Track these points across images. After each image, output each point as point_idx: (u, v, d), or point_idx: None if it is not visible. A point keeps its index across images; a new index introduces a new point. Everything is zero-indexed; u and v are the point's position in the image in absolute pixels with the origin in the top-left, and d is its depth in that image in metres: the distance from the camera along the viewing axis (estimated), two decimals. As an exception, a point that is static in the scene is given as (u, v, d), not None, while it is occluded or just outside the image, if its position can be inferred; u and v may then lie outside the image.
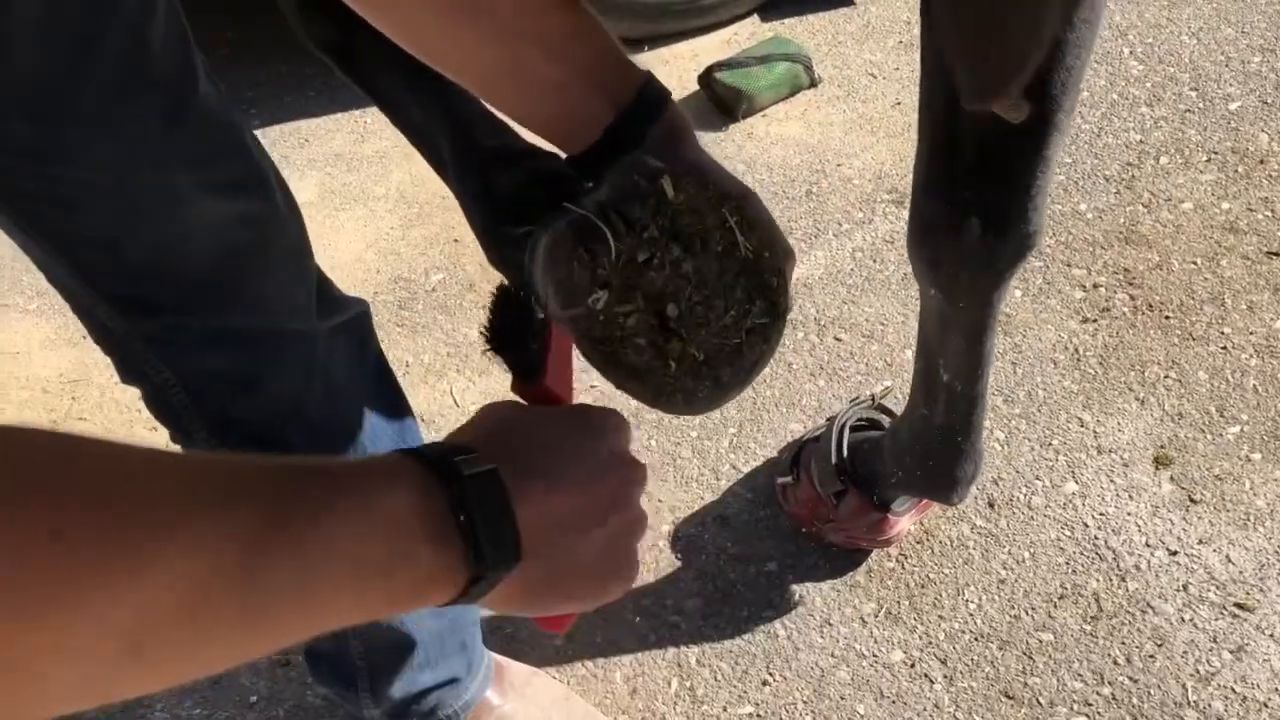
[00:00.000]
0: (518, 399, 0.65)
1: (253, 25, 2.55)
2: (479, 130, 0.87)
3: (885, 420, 1.51)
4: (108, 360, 0.98)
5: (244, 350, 0.93)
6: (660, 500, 1.61)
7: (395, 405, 1.12)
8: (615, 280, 0.66)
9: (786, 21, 2.51)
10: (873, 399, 1.55)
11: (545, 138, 0.77)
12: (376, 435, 1.06)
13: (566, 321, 0.68)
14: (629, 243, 0.66)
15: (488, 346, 0.65)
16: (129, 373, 0.93)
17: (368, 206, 2.13)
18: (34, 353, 1.88)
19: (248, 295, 0.91)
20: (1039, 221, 1.08)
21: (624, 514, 0.59)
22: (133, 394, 1.06)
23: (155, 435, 1.06)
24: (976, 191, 1.07)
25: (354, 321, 1.05)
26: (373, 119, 2.35)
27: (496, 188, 0.84)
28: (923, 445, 1.31)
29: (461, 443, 0.54)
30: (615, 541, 0.59)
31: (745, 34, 2.47)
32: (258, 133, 2.28)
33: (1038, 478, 1.60)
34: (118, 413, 1.74)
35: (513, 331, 0.65)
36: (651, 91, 0.74)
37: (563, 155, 0.77)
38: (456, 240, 2.02)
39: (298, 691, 1.43)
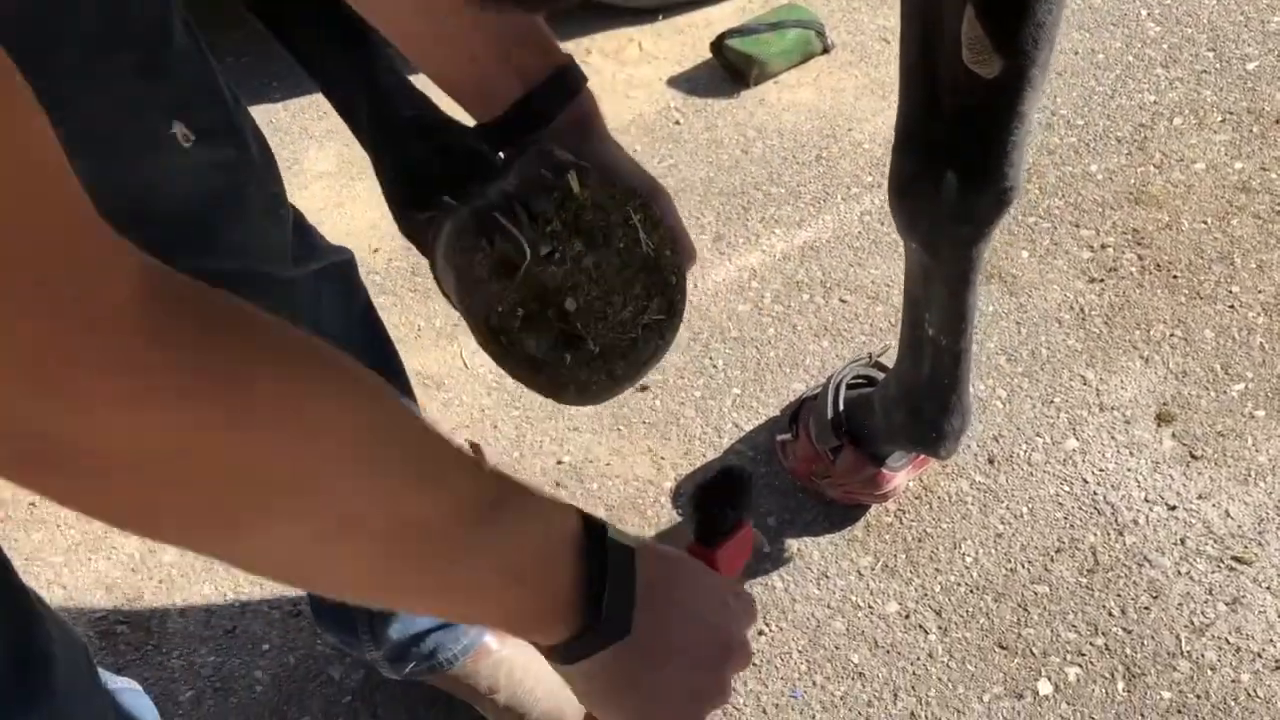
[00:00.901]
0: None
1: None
2: (397, 99, 0.88)
3: (881, 378, 1.53)
4: None
5: (229, 293, 0.97)
6: (663, 457, 1.64)
7: (385, 354, 1.16)
8: (515, 272, 0.68)
9: (801, -12, 2.51)
10: (870, 357, 1.56)
11: (455, 100, 0.78)
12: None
13: (464, 310, 0.71)
14: (530, 235, 0.69)
15: (693, 498, 0.70)
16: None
17: (384, 176, 2.16)
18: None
19: (226, 239, 0.95)
20: (1015, 177, 1.09)
21: (714, 677, 0.64)
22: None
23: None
24: (952, 146, 1.08)
25: (336, 268, 1.09)
26: (390, 91, 2.38)
27: (408, 156, 0.84)
28: (910, 399, 1.33)
29: (628, 539, 0.60)
30: (696, 695, 0.64)
31: (759, 1, 2.48)
32: (279, 106, 2.34)
33: (1038, 434, 1.61)
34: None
35: (723, 499, 0.69)
36: (567, 76, 0.76)
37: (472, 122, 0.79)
38: (469, 207, 2.05)
39: (308, 641, 1.47)
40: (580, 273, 0.70)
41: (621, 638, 0.57)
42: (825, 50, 2.31)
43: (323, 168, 2.17)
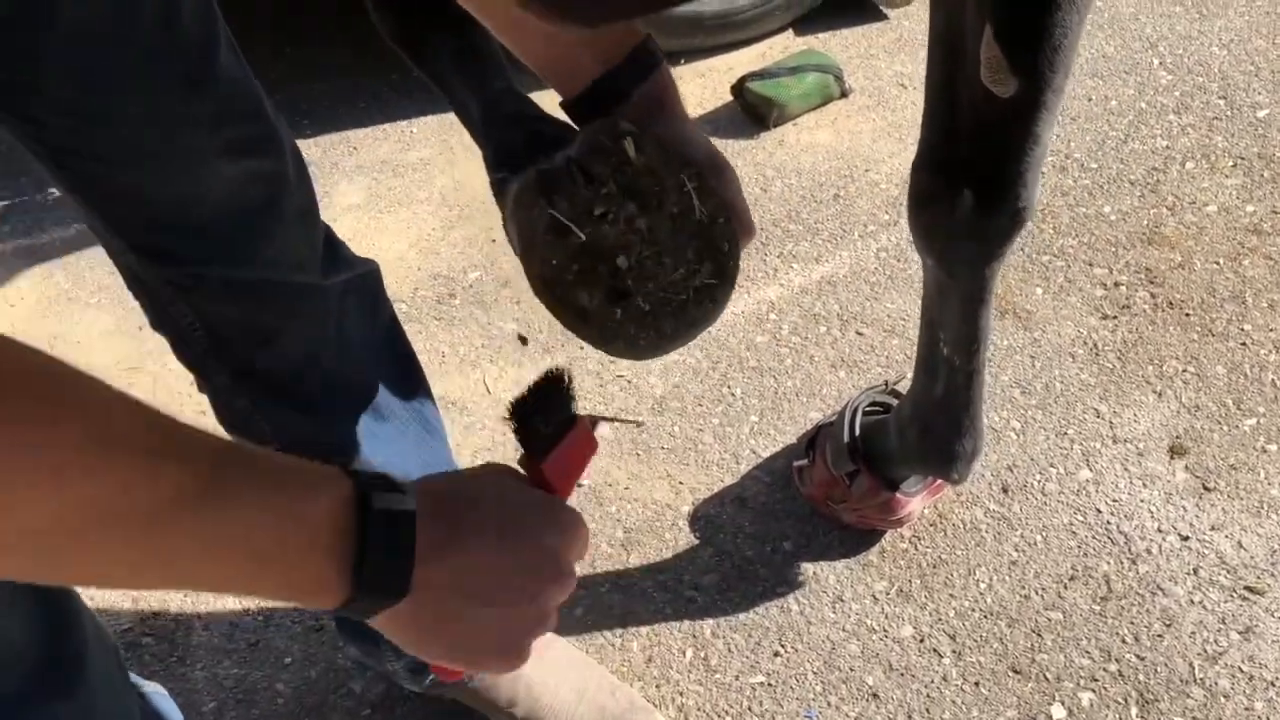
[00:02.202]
0: (519, 470, 0.70)
1: (308, 44, 2.68)
2: (503, 100, 0.96)
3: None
4: (162, 346, 1.07)
5: (261, 301, 1.01)
6: (681, 482, 1.66)
7: (407, 366, 1.20)
8: (570, 230, 0.72)
9: (820, 35, 2.58)
10: (887, 385, 1.59)
11: (543, 79, 0.84)
12: (390, 392, 1.13)
13: (524, 262, 0.75)
14: (586, 195, 0.73)
15: (508, 415, 0.70)
16: (158, 318, 1.01)
17: (411, 209, 2.22)
18: (94, 342, 1.99)
19: (260, 249, 0.99)
20: (1029, 198, 1.12)
21: (533, 608, 0.62)
22: (184, 380, 1.16)
23: (204, 419, 1.15)
24: (969, 164, 1.12)
25: (362, 280, 1.13)
26: (418, 129, 2.45)
27: (504, 142, 0.92)
28: (923, 419, 1.36)
29: (403, 482, 0.59)
30: (513, 627, 0.62)
31: (779, 48, 2.54)
32: (310, 142, 2.41)
33: (1052, 465, 1.63)
34: (169, 397, 1.83)
35: (539, 408, 0.70)
36: (644, 54, 0.80)
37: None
38: (494, 240, 2.10)
39: (329, 654, 1.49)
40: (633, 233, 0.73)
41: (398, 598, 0.56)
42: (844, 94, 2.37)
43: (352, 200, 2.23)
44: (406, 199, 2.25)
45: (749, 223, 0.80)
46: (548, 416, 0.69)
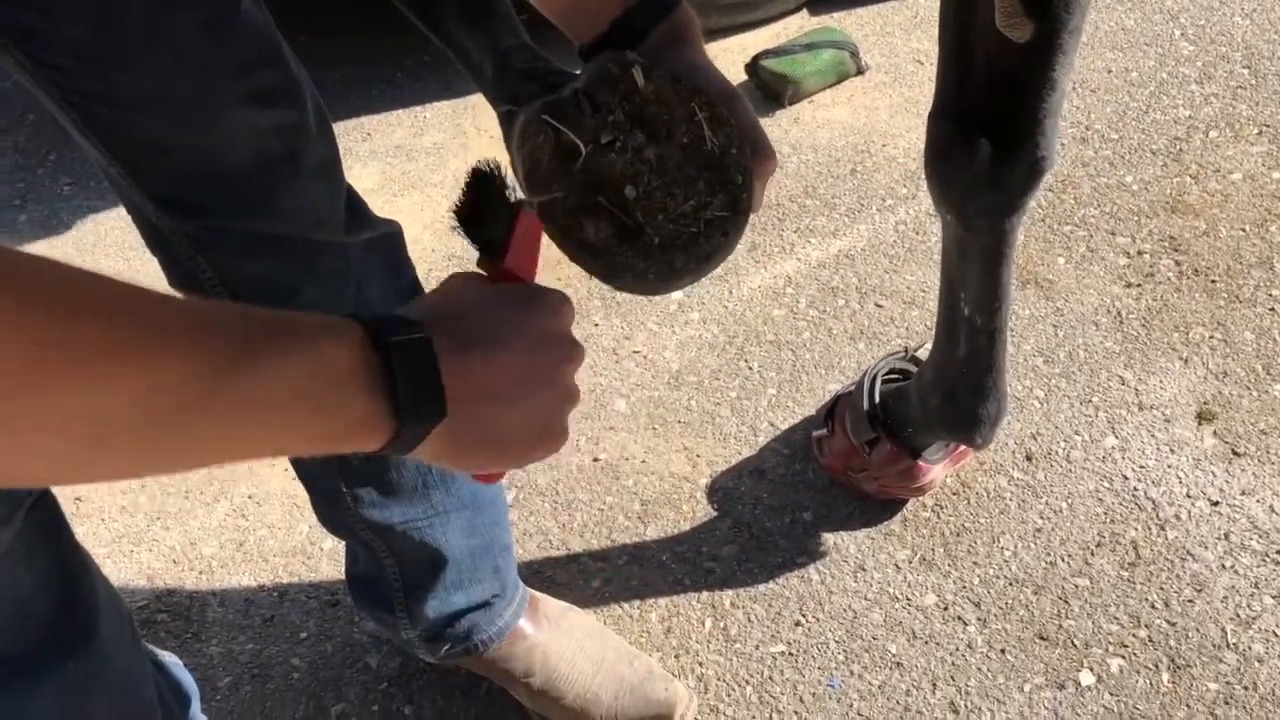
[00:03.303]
0: (481, 274, 0.68)
1: (324, 31, 2.68)
2: (514, 56, 0.95)
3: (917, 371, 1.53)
4: None
5: (280, 256, 1.00)
6: (699, 455, 1.64)
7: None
8: (577, 158, 0.69)
9: (834, 14, 2.55)
10: (906, 351, 1.57)
11: (559, 24, 0.82)
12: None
13: (529, 194, 0.72)
14: (592, 124, 0.70)
15: (454, 222, 0.67)
16: (175, 273, 1.00)
17: (424, 193, 2.21)
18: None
19: (280, 203, 0.98)
20: (1048, 146, 1.10)
21: (556, 388, 0.63)
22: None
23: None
24: (985, 113, 1.10)
25: (385, 240, 1.11)
26: (431, 114, 2.44)
27: (519, 97, 0.90)
28: (946, 383, 1.33)
29: (407, 315, 0.59)
30: (544, 412, 0.63)
31: (794, 28, 2.52)
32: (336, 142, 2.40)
33: (1076, 433, 1.59)
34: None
35: (479, 209, 0.67)
36: None
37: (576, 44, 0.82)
38: (508, 221, 2.09)
39: (345, 630, 1.48)
40: (641, 163, 0.70)
41: (439, 420, 0.57)
42: (859, 71, 2.34)
43: (366, 185, 2.22)
44: (420, 182, 2.24)
45: (768, 149, 0.76)
46: (494, 214, 0.66)
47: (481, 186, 0.67)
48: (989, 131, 1.09)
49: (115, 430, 0.47)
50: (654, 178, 0.71)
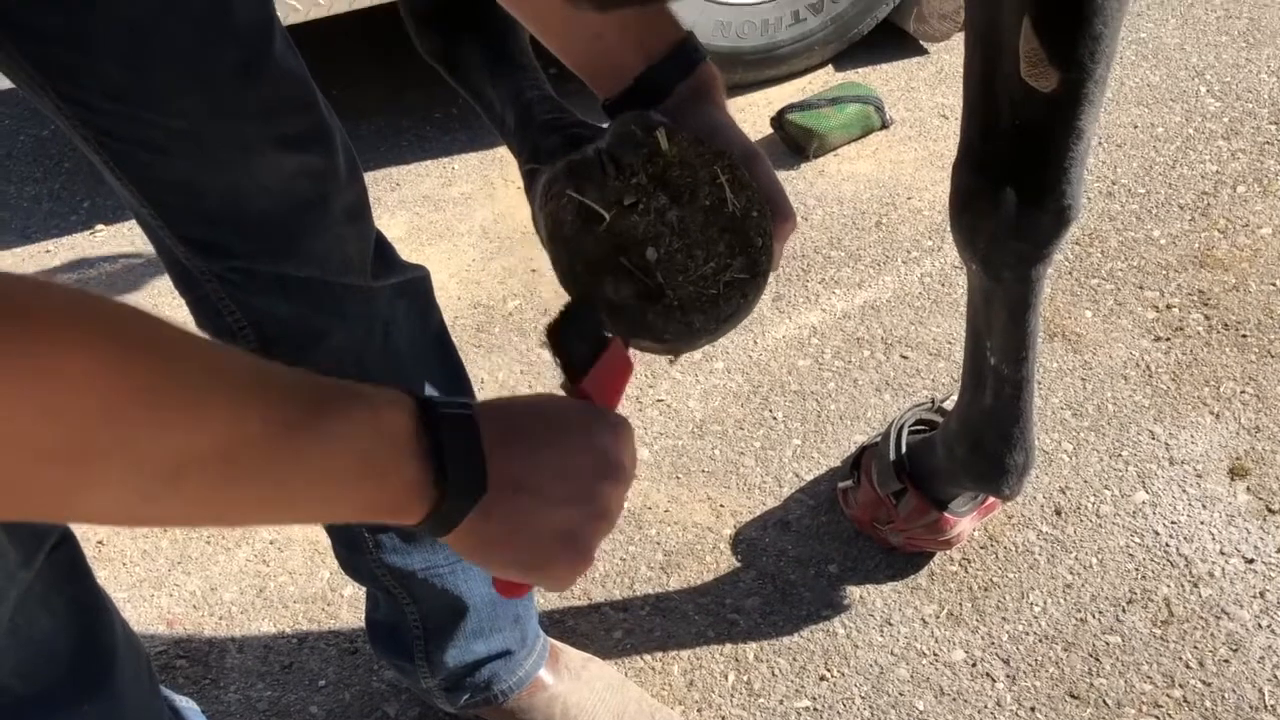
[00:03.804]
0: (563, 395, 0.70)
1: (355, 83, 2.73)
2: (537, 108, 0.96)
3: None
4: None
5: (308, 299, 1.00)
6: (722, 505, 1.63)
7: (455, 374, 1.18)
8: (600, 220, 0.70)
9: (860, 70, 2.58)
10: (933, 401, 1.55)
11: (584, 78, 0.83)
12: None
13: (551, 253, 0.73)
14: (616, 185, 0.71)
15: (545, 340, 0.70)
16: (203, 313, 1.00)
17: (452, 242, 2.23)
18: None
19: (309, 246, 0.98)
20: (1074, 195, 1.10)
21: (592, 504, 0.64)
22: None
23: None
24: (1011, 162, 1.09)
25: (413, 284, 1.12)
26: (459, 165, 2.47)
27: (540, 148, 0.91)
28: (972, 433, 1.32)
29: (462, 399, 0.62)
30: (575, 523, 0.63)
31: (819, 82, 2.55)
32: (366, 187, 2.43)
33: (1106, 487, 1.57)
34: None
35: (569, 332, 0.69)
36: (686, 49, 0.79)
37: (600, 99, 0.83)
38: (534, 270, 2.10)
39: (364, 677, 1.47)
40: (663, 225, 0.71)
41: (479, 496, 0.58)
42: (884, 125, 2.35)
43: (394, 234, 2.23)
44: (447, 231, 2.26)
45: (788, 210, 0.77)
46: (581, 338, 0.68)
47: (580, 312, 0.70)
48: (1014, 180, 1.09)
49: (190, 471, 0.49)
50: (676, 239, 0.72)
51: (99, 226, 2.43)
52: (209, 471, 0.50)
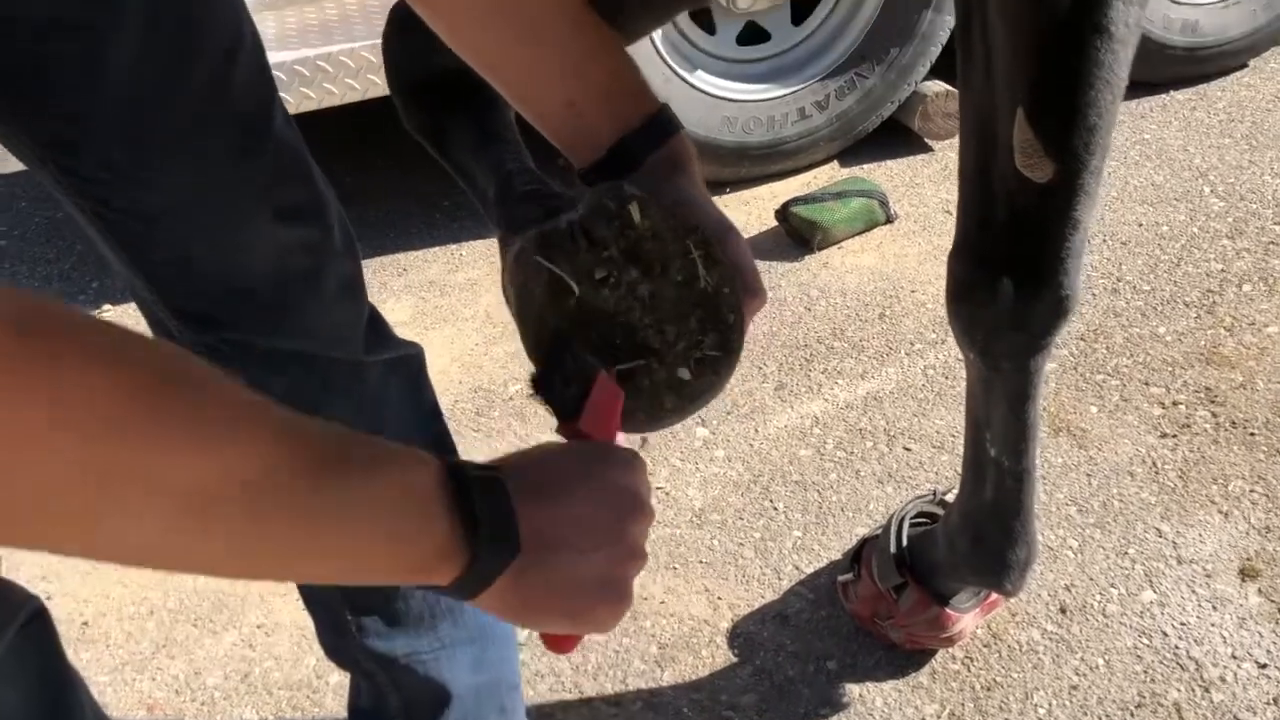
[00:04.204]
0: (561, 439, 0.69)
1: (366, 172, 2.77)
2: (516, 179, 0.96)
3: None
4: None
5: (299, 373, 0.99)
6: (720, 597, 1.59)
7: (447, 452, 1.16)
8: (570, 293, 0.69)
9: (865, 166, 2.60)
10: (935, 494, 1.53)
11: (560, 147, 0.83)
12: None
13: (520, 326, 0.72)
14: (587, 258, 0.69)
15: (532, 391, 0.69)
16: (195, 387, 0.99)
17: (456, 326, 2.23)
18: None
19: (301, 320, 0.98)
20: (1072, 285, 1.09)
21: (621, 545, 0.63)
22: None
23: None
24: (1007, 252, 1.09)
25: (406, 361, 1.11)
26: (466, 251, 2.49)
27: (516, 218, 0.91)
28: (973, 526, 1.29)
29: (483, 460, 0.62)
30: (609, 566, 0.63)
31: (824, 177, 2.57)
32: (363, 263, 2.44)
33: (1113, 585, 1.53)
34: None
35: (554, 378, 0.68)
36: (660, 119, 0.80)
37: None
38: (536, 356, 2.09)
39: (346, 769, 1.42)
40: (634, 299, 0.70)
41: (513, 556, 0.58)
42: (889, 220, 2.37)
43: (398, 318, 2.25)
44: (452, 316, 2.27)
45: (758, 287, 0.77)
46: (566, 381, 0.67)
47: (559, 353, 0.69)
48: (1011, 271, 1.08)
49: (217, 505, 0.48)
50: (647, 315, 0.71)
51: (106, 306, 2.45)
52: (235, 507, 0.49)
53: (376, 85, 2.19)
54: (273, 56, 2.15)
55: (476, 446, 1.89)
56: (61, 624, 1.65)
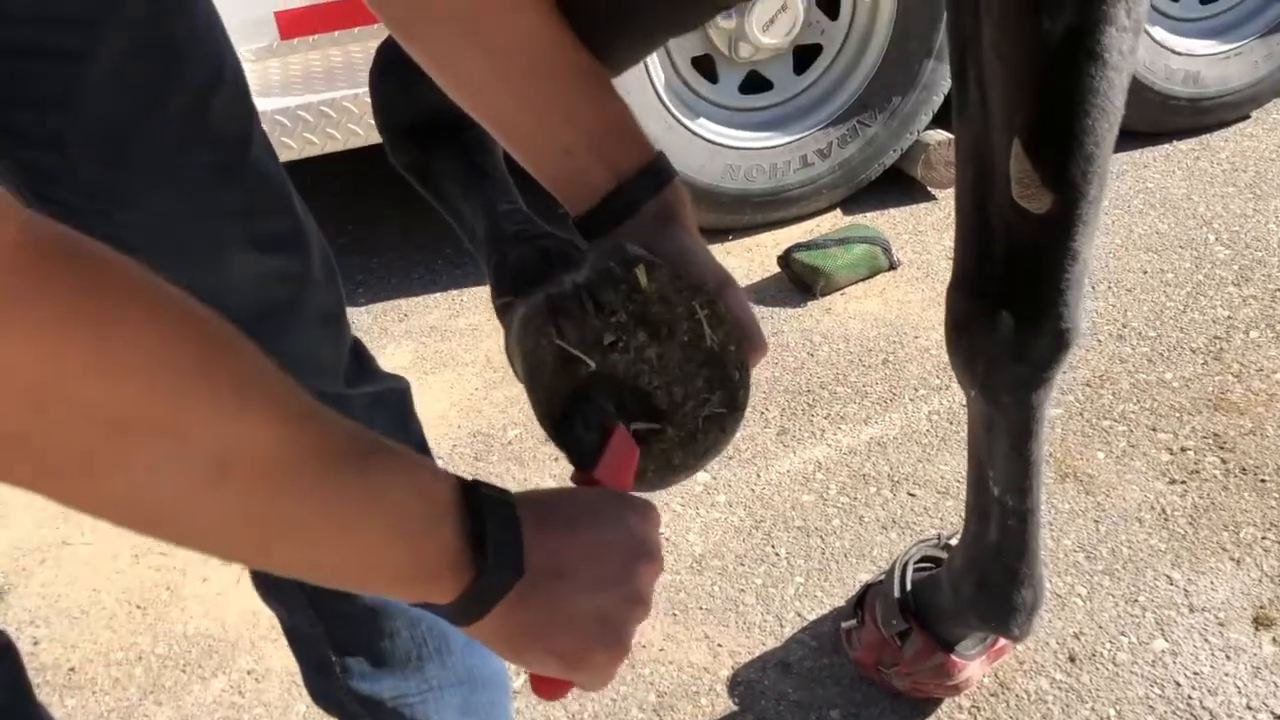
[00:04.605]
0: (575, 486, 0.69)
1: (368, 221, 2.78)
2: (505, 219, 0.96)
3: (951, 558, 1.46)
4: None
5: (278, 403, 0.97)
6: (720, 644, 1.55)
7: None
8: (579, 359, 0.69)
9: (868, 214, 2.60)
10: (939, 538, 1.50)
11: (554, 194, 0.82)
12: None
13: (528, 390, 0.72)
14: (596, 324, 0.70)
15: (551, 436, 0.70)
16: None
17: (456, 371, 2.22)
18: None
19: (281, 350, 0.95)
20: (1072, 317, 1.07)
21: (627, 587, 0.62)
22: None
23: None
24: (1006, 285, 1.07)
25: (390, 395, 1.09)
26: (468, 298, 2.48)
27: (508, 260, 0.90)
28: (978, 569, 1.26)
29: (501, 490, 0.62)
30: (611, 609, 0.62)
31: (827, 225, 2.57)
32: (363, 309, 2.45)
33: (1123, 633, 1.49)
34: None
35: (575, 425, 0.68)
36: (656, 168, 0.79)
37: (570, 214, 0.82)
38: (536, 401, 2.08)
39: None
40: (642, 362, 0.70)
41: (517, 578, 0.57)
42: (892, 267, 2.36)
43: (399, 363, 2.24)
44: (452, 361, 2.25)
45: (760, 341, 0.77)
46: (587, 428, 0.68)
47: (579, 402, 0.69)
48: (1011, 304, 1.07)
49: (237, 472, 0.48)
50: (655, 376, 0.72)
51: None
52: (255, 477, 0.49)
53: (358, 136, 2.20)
54: (276, 102, 2.17)
55: (474, 491, 1.86)
56: (48, 669, 1.62)
